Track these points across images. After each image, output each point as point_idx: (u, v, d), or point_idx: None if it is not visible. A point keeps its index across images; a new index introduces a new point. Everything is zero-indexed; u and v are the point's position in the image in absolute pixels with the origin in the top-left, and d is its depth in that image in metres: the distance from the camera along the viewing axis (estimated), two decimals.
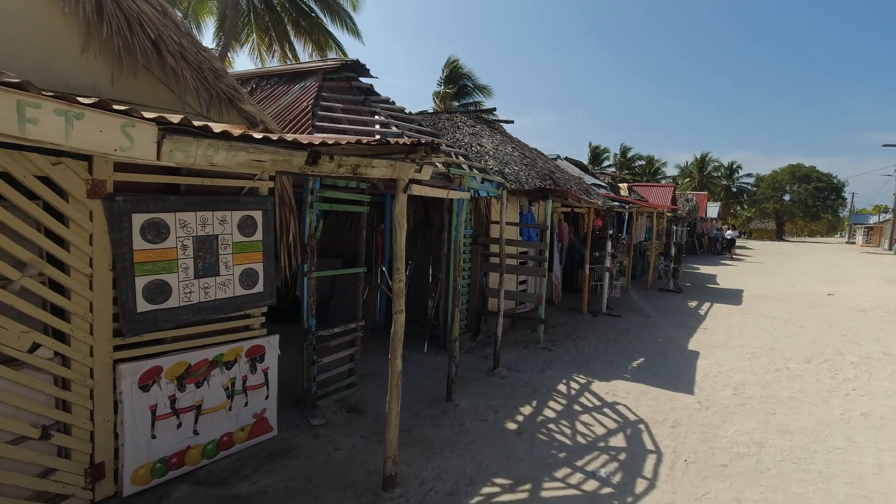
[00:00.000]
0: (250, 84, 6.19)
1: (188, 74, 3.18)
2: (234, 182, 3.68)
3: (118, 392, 3.07)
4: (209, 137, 1.72)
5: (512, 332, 7.89)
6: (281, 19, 18.98)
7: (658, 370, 6.24)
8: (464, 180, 4.89)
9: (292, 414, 4.50)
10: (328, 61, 5.94)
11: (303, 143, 2.19)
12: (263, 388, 3.98)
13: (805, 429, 4.62)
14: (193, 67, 3.23)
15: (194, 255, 3.44)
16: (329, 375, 4.77)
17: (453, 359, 4.89)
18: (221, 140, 1.76)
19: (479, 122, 9.80)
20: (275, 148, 2.00)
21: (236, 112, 3.71)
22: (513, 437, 4.26)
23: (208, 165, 1.79)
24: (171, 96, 3.26)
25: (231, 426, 3.76)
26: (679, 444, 4.24)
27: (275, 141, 2.00)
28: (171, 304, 3.32)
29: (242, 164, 1.91)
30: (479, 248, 7.38)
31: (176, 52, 3.09)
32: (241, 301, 3.81)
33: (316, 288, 4.58)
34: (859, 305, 11.63)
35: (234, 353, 3.76)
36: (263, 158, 1.98)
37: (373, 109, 5.45)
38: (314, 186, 4.44)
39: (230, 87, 3.52)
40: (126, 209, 3.03)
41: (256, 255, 3.89)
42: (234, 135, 1.81)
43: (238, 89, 3.65)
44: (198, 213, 3.44)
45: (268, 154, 1.98)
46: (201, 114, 3.40)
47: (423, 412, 4.69)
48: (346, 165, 2.48)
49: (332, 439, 4.09)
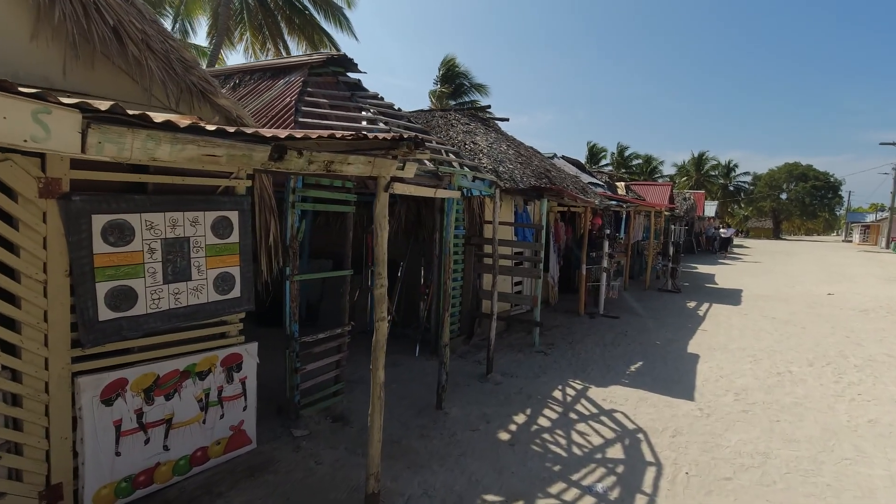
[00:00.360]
0: (233, 79, 5.96)
1: (153, 64, 2.96)
2: (208, 180, 3.46)
3: (77, 407, 2.84)
4: (148, 128, 1.51)
5: (507, 335, 7.68)
6: (274, 17, 18.75)
7: (657, 375, 6.04)
8: (453, 179, 4.68)
9: (274, 424, 4.28)
10: (314, 55, 5.72)
11: (266, 137, 1.97)
12: (241, 398, 3.75)
13: (811, 437, 4.42)
14: (159, 57, 3.00)
15: (163, 259, 3.22)
16: (314, 383, 4.54)
17: (443, 365, 4.68)
18: (164, 131, 1.55)
19: (473, 120, 9.59)
20: (231, 141, 1.78)
21: (210, 106, 3.48)
22: (505, 449, 4.05)
23: (149, 160, 1.57)
24: (135, 88, 3.03)
25: (205, 440, 3.53)
26: (680, 455, 4.03)
27: (231, 133, 1.78)
28: (137, 311, 3.10)
29: (192, 160, 1.69)
30: (473, 248, 7.17)
31: (139, 39, 2.86)
32: (216, 307, 3.58)
33: (299, 292, 4.36)
34: (860, 305, 11.46)
35: (209, 363, 3.53)
36: (218, 153, 1.77)
37: (360, 105, 5.23)
38: (296, 185, 4.22)
39: (202, 79, 3.30)
40: (84, 210, 2.80)
41: (232, 258, 3.67)
42: (179, 125, 1.59)
43: (211, 82, 3.43)
44: (167, 214, 3.21)
45: (223, 148, 1.77)
46: (169, 107, 3.17)
47: (411, 422, 4.47)
48: (317, 162, 2.26)
49: (315, 452, 3.87)
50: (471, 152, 7.83)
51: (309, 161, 2.21)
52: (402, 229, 7.72)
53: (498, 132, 10.18)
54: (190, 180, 3.33)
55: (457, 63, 26.43)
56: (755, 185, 63.39)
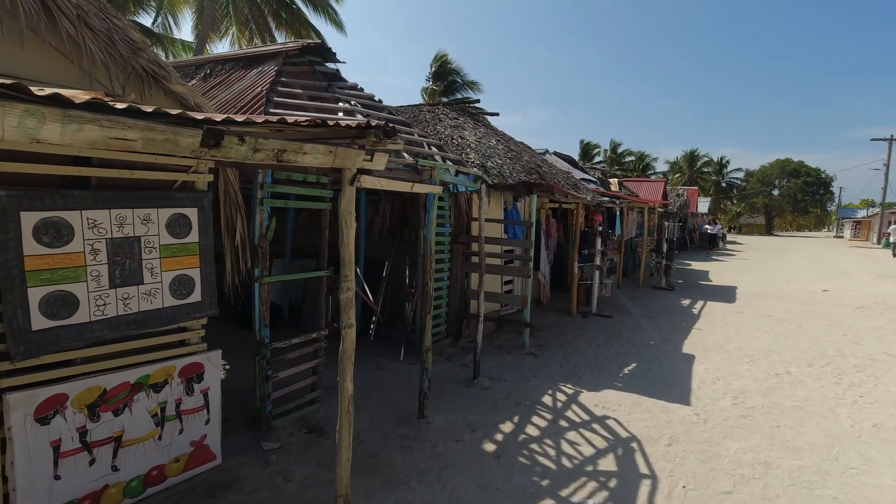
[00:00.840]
0: (204, 69, 5.64)
1: (92, 44, 2.65)
2: (162, 175, 3.16)
3: (6, 428, 2.54)
4: (25, 101, 1.22)
5: (496, 336, 7.42)
6: (261, 10, 18.34)
7: (651, 377, 5.79)
8: (434, 173, 4.39)
9: (244, 437, 3.99)
10: (289, 44, 5.41)
11: (196, 120, 1.68)
12: (203, 411, 3.46)
13: (814, 445, 4.19)
14: (100, 36, 2.70)
15: (109, 261, 2.92)
16: (287, 391, 4.26)
17: (425, 371, 4.40)
18: (50, 107, 1.26)
19: (462, 115, 9.30)
20: (148, 123, 1.50)
21: (163, 93, 3.18)
22: (490, 462, 3.78)
23: (30, 141, 1.29)
24: (73, 71, 2.73)
25: (162, 458, 3.24)
26: (676, 467, 3.78)
27: (147, 114, 1.50)
28: (79, 319, 2.80)
29: (95, 143, 1.41)
30: (460, 246, 6.90)
31: (73, 15, 2.56)
32: (173, 313, 3.29)
33: (269, 295, 4.07)
34: (856, 302, 11.29)
35: (165, 374, 3.24)
36: (130, 136, 1.48)
37: (337, 96, 4.93)
38: (264, 180, 3.92)
39: (152, 63, 2.99)
40: (12, 206, 2.50)
41: (191, 258, 3.37)
42: (73, 101, 1.31)
43: (164, 66, 3.12)
44: (113, 212, 2.91)
45: (136, 131, 1.48)
46: (114, 93, 2.87)
47: (391, 432, 4.20)
48: (265, 150, 1.97)
49: (284, 468, 3.59)
50: (458, 147, 7.55)
51: (254, 149, 1.92)
52: (387, 227, 7.43)
53: (487, 127, 9.90)
54: (141, 174, 3.03)
55: (449, 60, 26.04)
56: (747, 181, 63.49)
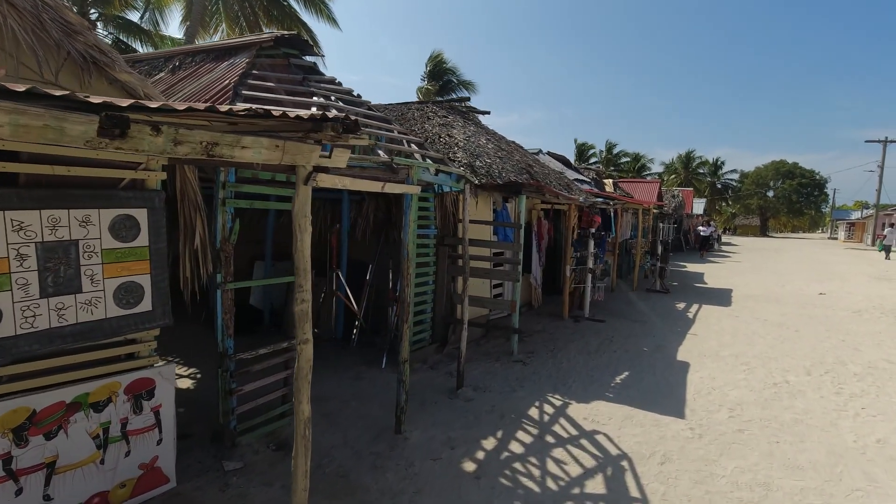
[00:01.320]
0: (173, 61, 5.34)
1: (15, 24, 2.36)
2: (106, 172, 2.87)
3: None
4: None
5: (484, 342, 7.14)
6: (251, 7, 17.99)
7: (644, 387, 5.53)
8: (412, 172, 4.11)
9: (206, 455, 3.70)
10: (263, 35, 5.11)
11: (93, 103, 1.40)
12: (153, 430, 3.17)
13: (816, 463, 3.93)
14: (25, 15, 2.40)
15: (40, 268, 2.62)
16: (255, 406, 3.96)
17: (402, 384, 4.11)
18: None
19: (451, 113, 9.01)
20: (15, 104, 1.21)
21: (106, 81, 2.88)
22: (469, 483, 3.50)
23: None
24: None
25: (105, 484, 2.94)
26: (669, 489, 3.51)
27: (14, 93, 1.21)
28: (3, 332, 2.50)
29: None
30: (447, 249, 6.62)
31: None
32: (119, 324, 2.99)
33: (233, 302, 3.77)
34: (853, 306, 11.09)
35: (108, 391, 2.94)
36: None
37: (312, 90, 4.64)
38: (227, 179, 3.63)
39: (91, 48, 2.70)
40: None
41: (140, 264, 3.07)
42: None
43: (107, 52, 2.83)
44: (44, 213, 2.62)
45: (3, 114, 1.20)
46: (44, 80, 2.57)
47: (364, 449, 3.91)
48: (189, 143, 1.69)
49: (245, 491, 3.30)
50: (446, 146, 7.27)
51: (174, 141, 1.63)
52: (371, 228, 7.14)
53: (478, 125, 9.62)
54: (79, 171, 2.74)
55: (444, 59, 25.75)
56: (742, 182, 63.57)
